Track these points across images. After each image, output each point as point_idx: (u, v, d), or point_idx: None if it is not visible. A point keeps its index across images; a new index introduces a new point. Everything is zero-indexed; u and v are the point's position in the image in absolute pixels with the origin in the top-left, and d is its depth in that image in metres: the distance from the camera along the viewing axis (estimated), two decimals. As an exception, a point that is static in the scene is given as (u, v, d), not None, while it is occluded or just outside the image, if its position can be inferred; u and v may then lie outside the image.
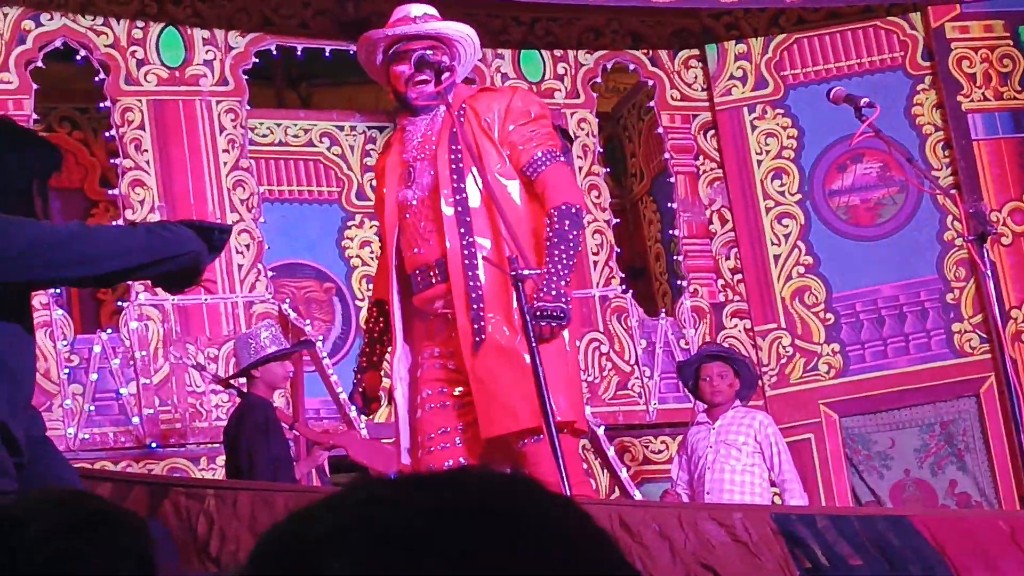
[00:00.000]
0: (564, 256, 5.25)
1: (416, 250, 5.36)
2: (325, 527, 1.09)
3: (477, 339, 5.23)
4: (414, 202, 5.37)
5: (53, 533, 1.87)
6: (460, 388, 5.42)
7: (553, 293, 5.19)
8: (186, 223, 3.82)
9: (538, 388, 4.92)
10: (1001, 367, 7.46)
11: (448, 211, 5.31)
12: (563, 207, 5.32)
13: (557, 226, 5.29)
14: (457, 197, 5.29)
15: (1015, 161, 9.09)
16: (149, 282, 3.96)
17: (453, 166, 5.32)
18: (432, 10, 5.55)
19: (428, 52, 5.46)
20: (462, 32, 5.56)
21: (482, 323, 5.23)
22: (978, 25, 9.27)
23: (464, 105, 5.51)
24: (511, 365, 5.17)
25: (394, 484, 1.13)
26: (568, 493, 5.06)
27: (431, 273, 5.34)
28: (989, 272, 6.37)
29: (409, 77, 5.36)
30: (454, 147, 5.34)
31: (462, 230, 5.28)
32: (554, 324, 5.17)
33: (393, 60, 5.45)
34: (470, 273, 5.27)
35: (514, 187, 5.44)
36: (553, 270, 5.24)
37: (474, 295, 5.26)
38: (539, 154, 5.38)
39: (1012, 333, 8.81)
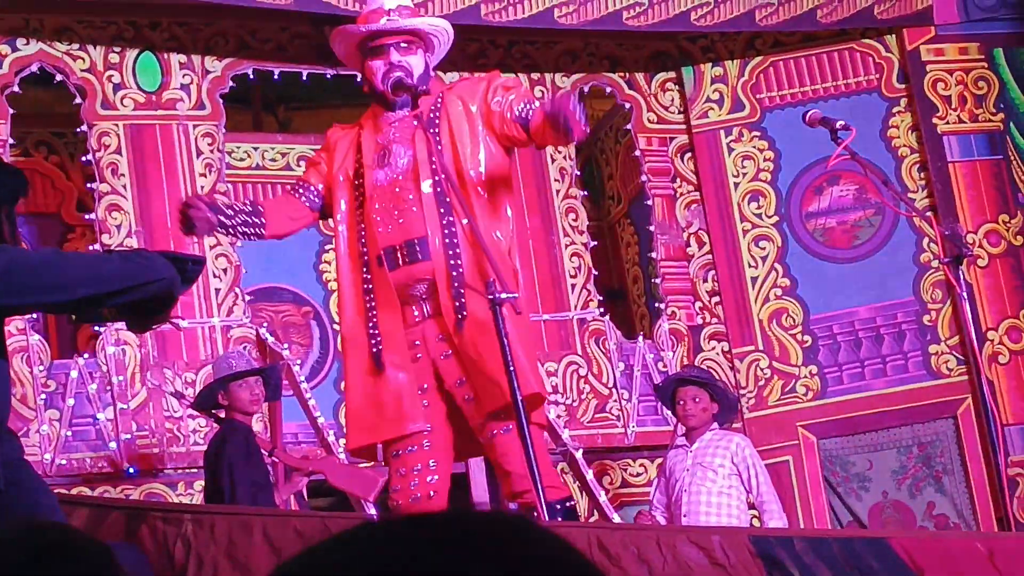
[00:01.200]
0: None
1: (388, 228, 5.35)
2: (333, 566, 1.10)
3: (459, 316, 5.25)
4: (387, 183, 5.38)
5: (11, 567, 1.86)
6: (426, 384, 5.41)
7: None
8: (160, 253, 3.82)
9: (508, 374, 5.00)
10: (978, 388, 7.49)
11: (427, 190, 5.33)
12: None
13: None
14: (435, 178, 5.31)
15: (990, 183, 9.12)
16: (118, 320, 3.93)
17: (431, 147, 5.31)
18: (405, 1, 5.56)
19: (404, 77, 5.47)
20: (437, 26, 5.59)
21: (463, 300, 5.25)
22: (953, 48, 9.31)
23: (441, 94, 5.54)
24: (494, 338, 5.17)
25: (399, 523, 1.13)
26: (539, 482, 5.08)
27: (415, 250, 5.32)
28: (965, 294, 6.39)
29: (385, 73, 5.37)
30: (433, 131, 5.36)
31: (441, 209, 5.30)
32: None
33: (369, 55, 5.45)
34: (451, 252, 5.29)
35: (490, 211, 5.48)
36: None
37: (455, 273, 5.28)
38: (526, 102, 5.42)
39: (989, 354, 8.83)
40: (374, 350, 5.33)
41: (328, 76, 9.05)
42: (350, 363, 5.46)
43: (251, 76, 9.02)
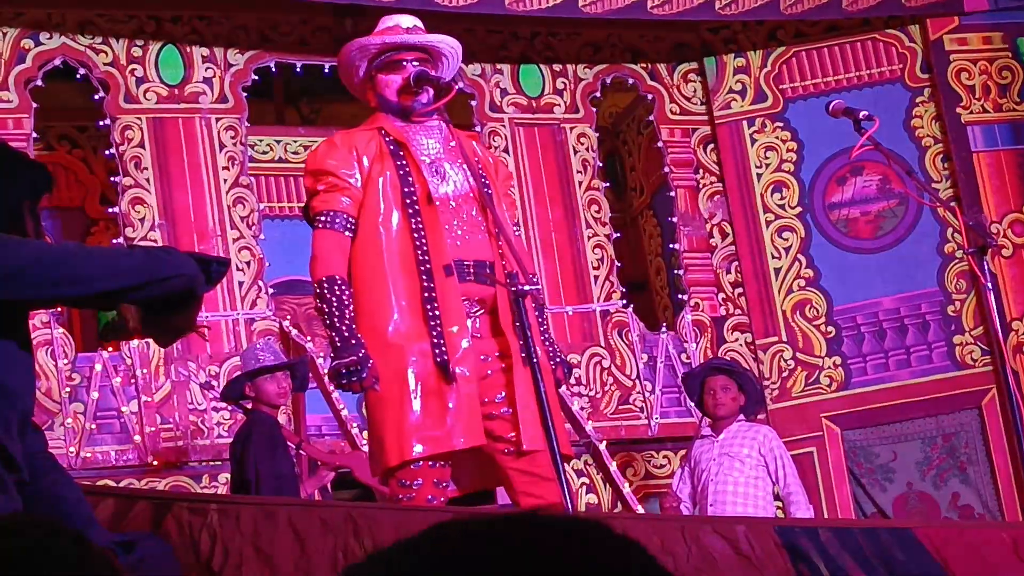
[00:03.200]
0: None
1: (458, 243, 5.26)
2: (408, 566, 1.09)
3: (523, 355, 5.11)
4: (447, 198, 5.29)
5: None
6: (486, 398, 5.32)
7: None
8: (187, 253, 3.81)
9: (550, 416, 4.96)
10: (1003, 379, 7.44)
11: (489, 217, 5.30)
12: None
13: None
14: (492, 208, 5.28)
15: (1015, 173, 9.09)
16: (145, 335, 3.89)
17: (480, 177, 5.32)
18: (419, 22, 5.56)
19: (428, 70, 5.46)
20: (451, 46, 5.56)
21: (531, 342, 5.07)
22: (977, 37, 9.28)
23: (468, 139, 5.58)
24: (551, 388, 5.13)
25: (468, 524, 1.12)
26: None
27: (485, 272, 5.28)
28: (990, 284, 6.37)
29: (402, 87, 5.35)
30: (476, 159, 5.37)
31: (499, 240, 5.27)
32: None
33: (382, 68, 5.43)
34: (513, 289, 5.17)
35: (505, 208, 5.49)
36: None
37: (522, 313, 5.13)
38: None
39: (1013, 345, 8.80)
40: (439, 359, 5.13)
41: (350, 69, 9.04)
42: (415, 371, 5.16)
43: (273, 69, 9.03)
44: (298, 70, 9.10)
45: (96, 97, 8.50)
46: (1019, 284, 8.96)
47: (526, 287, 5.29)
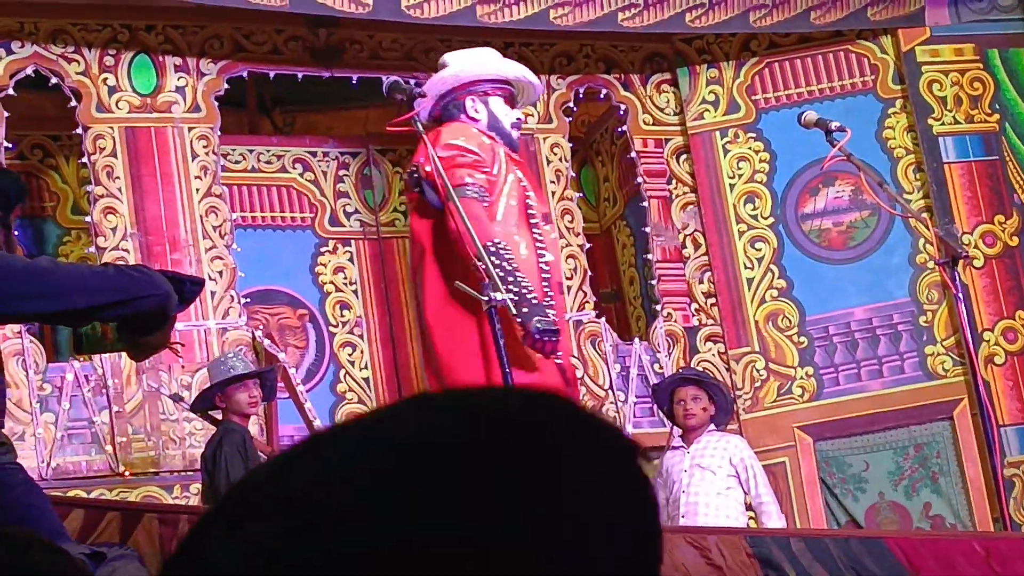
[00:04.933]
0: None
1: (550, 258, 5.60)
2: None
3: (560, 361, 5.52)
4: (543, 218, 5.70)
5: None
6: None
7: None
8: (160, 272, 3.80)
9: None
10: (974, 389, 7.47)
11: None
12: None
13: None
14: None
15: (986, 184, 9.13)
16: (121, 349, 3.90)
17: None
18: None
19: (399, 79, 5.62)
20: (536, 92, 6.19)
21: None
22: (948, 49, 9.31)
23: None
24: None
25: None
26: None
27: (559, 289, 5.50)
28: (961, 295, 6.41)
29: (515, 122, 5.88)
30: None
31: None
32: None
33: (505, 98, 5.89)
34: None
35: None
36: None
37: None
38: None
39: (985, 355, 8.83)
40: (558, 361, 5.56)
41: (324, 78, 9.05)
42: (532, 363, 5.51)
43: (246, 78, 9.01)
44: (271, 79, 9.09)
45: (68, 106, 8.47)
46: (990, 294, 9.00)
47: (498, 297, 5.35)
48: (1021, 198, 9.13)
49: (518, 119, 5.85)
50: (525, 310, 5.24)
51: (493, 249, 5.34)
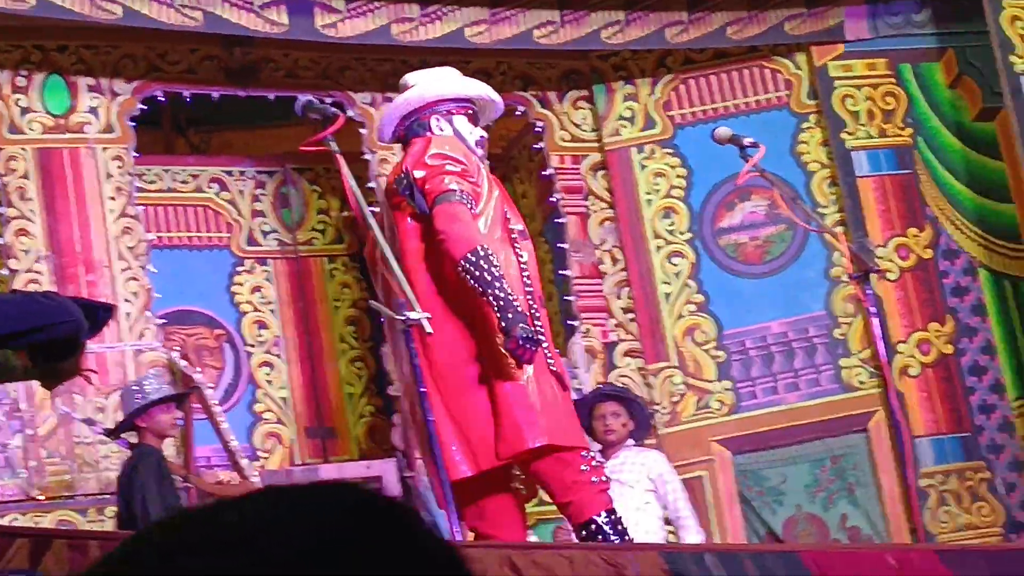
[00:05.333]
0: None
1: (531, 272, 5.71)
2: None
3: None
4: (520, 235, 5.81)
5: None
6: None
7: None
8: (70, 299, 3.78)
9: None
10: (888, 401, 7.55)
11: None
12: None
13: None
14: None
15: (899, 197, 9.21)
16: (32, 377, 3.87)
17: None
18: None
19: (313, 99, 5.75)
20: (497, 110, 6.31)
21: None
22: (861, 64, 9.40)
23: None
24: None
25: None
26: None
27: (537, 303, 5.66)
28: (874, 308, 6.47)
29: (480, 140, 5.94)
30: None
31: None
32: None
33: (468, 116, 5.97)
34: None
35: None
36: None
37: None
38: None
39: (899, 367, 8.91)
40: (553, 370, 5.62)
41: (240, 97, 9.02)
42: (537, 371, 5.57)
43: (161, 98, 8.96)
44: (187, 99, 9.04)
45: (-20, 127, 8.40)
46: (905, 307, 9.08)
47: (413, 316, 5.36)
48: (934, 211, 9.23)
49: (481, 137, 5.90)
50: (510, 315, 5.29)
51: (481, 254, 5.38)
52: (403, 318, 5.42)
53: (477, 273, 5.37)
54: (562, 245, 9.44)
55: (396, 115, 5.95)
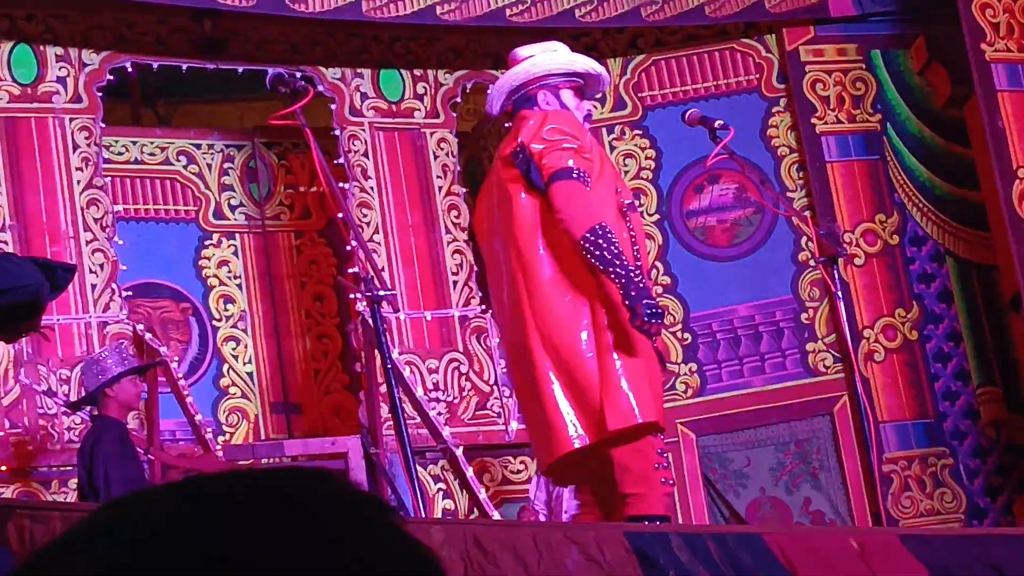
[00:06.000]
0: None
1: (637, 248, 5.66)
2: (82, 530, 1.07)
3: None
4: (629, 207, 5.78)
5: None
6: None
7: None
8: (29, 259, 3.76)
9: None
10: (853, 386, 7.57)
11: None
12: None
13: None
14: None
15: (867, 183, 9.23)
16: None
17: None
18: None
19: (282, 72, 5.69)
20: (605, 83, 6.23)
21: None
22: (832, 49, 9.41)
23: None
24: None
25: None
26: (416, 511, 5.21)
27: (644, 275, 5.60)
28: (840, 293, 6.48)
29: (587, 115, 5.99)
30: None
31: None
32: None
33: (575, 91, 5.89)
34: None
35: None
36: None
37: None
38: None
39: (865, 352, 8.94)
40: (655, 346, 5.55)
41: (209, 70, 8.97)
42: (638, 350, 5.47)
43: (129, 69, 8.90)
44: (155, 71, 8.99)
45: (-54, 95, 8.34)
46: (871, 292, 9.11)
47: (381, 292, 5.36)
48: (901, 197, 9.25)
49: (589, 111, 5.89)
50: (633, 293, 5.26)
51: (600, 232, 5.36)
52: (369, 293, 5.41)
53: (597, 252, 5.35)
54: (530, 224, 9.42)
55: (504, 89, 5.92)
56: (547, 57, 5.93)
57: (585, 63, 5.94)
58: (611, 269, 5.32)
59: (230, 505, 1.05)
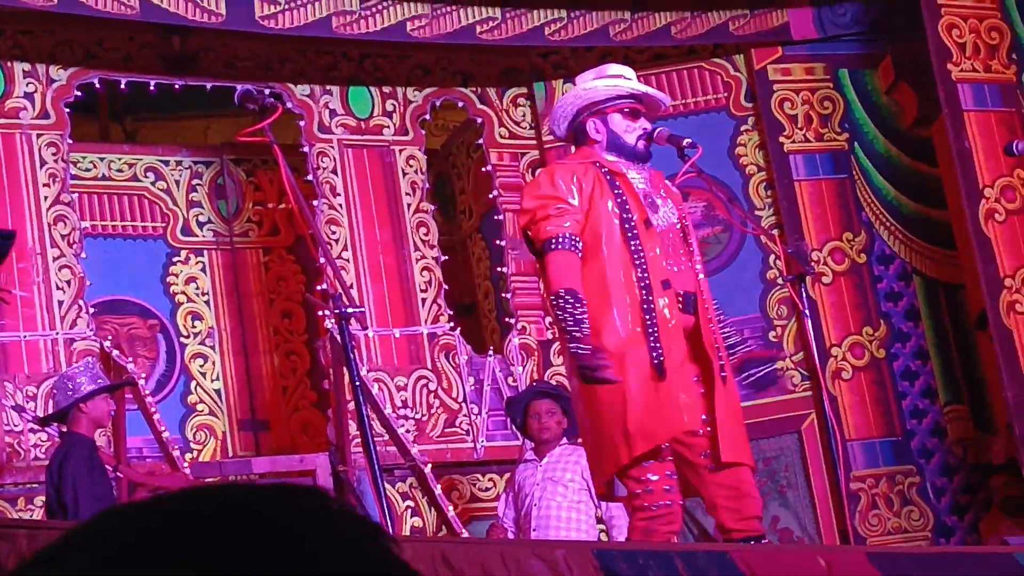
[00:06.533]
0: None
1: (675, 268, 5.64)
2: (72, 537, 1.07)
3: (722, 374, 5.57)
4: (660, 230, 5.67)
5: None
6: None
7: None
8: None
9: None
10: (821, 404, 7.58)
11: (694, 250, 5.74)
12: None
13: None
14: (694, 242, 5.78)
15: (835, 201, 9.26)
16: None
17: (685, 212, 5.84)
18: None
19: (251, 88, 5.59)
20: (664, 101, 6.14)
21: (723, 363, 5.60)
22: (800, 68, 9.45)
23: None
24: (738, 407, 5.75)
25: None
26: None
27: (690, 301, 5.61)
28: (808, 311, 6.49)
29: (641, 135, 5.83)
30: (676, 203, 5.87)
31: (699, 276, 5.69)
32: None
33: (619, 112, 5.83)
34: (709, 313, 5.66)
35: None
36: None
37: (715, 334, 5.65)
38: None
39: (832, 370, 8.96)
40: (655, 361, 5.50)
41: (176, 87, 8.96)
42: (629, 378, 5.51)
43: (97, 86, 8.89)
44: (123, 87, 8.97)
45: (-87, 111, 8.31)
46: (838, 311, 9.13)
47: (349, 309, 5.36)
48: (869, 216, 9.28)
49: (644, 129, 5.88)
50: (579, 359, 5.38)
51: (564, 295, 5.46)
52: (338, 311, 5.41)
53: (558, 313, 5.51)
54: (500, 242, 9.43)
55: (559, 116, 6.02)
56: (593, 84, 5.99)
57: (630, 86, 5.94)
58: (564, 333, 5.47)
59: (199, 519, 1.05)
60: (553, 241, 5.68)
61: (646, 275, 5.61)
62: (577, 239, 5.65)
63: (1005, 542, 7.69)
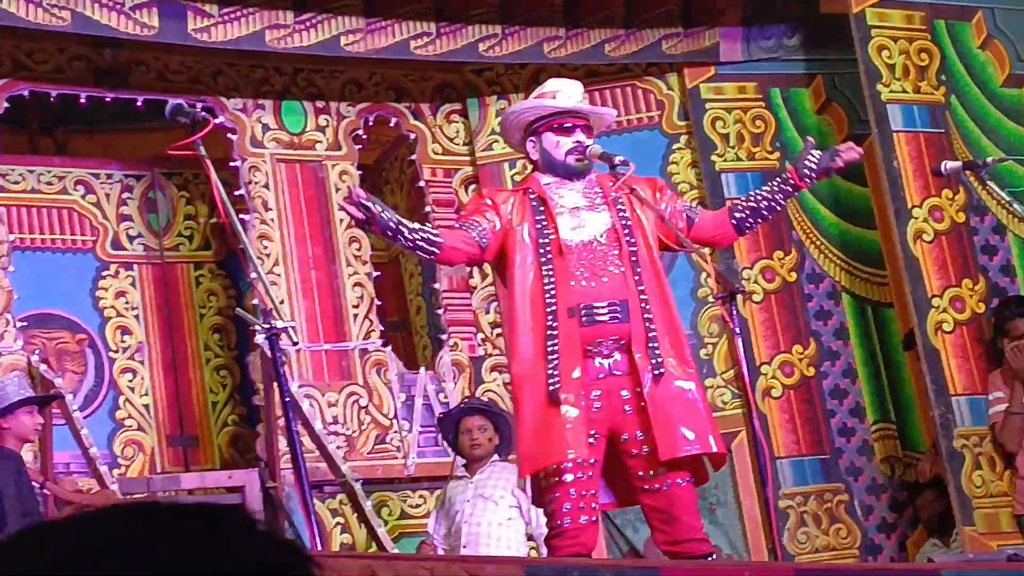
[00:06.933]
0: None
1: (602, 280, 5.64)
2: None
3: (656, 372, 5.58)
4: (583, 244, 5.67)
5: None
6: (596, 432, 5.59)
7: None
8: None
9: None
10: (751, 422, 7.60)
11: (627, 257, 5.70)
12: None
13: None
14: (633, 247, 5.72)
15: (766, 220, 9.30)
16: None
17: (623, 218, 5.76)
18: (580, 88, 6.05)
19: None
20: (608, 114, 6.33)
21: (659, 359, 5.59)
22: (732, 87, 9.50)
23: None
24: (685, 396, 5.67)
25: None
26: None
27: (617, 310, 5.60)
28: (738, 329, 6.52)
29: (572, 149, 5.83)
30: (620, 206, 5.79)
31: (635, 276, 5.66)
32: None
33: (553, 130, 5.86)
34: (647, 316, 5.64)
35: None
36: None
37: (651, 335, 5.63)
38: (691, 206, 6.16)
39: (762, 388, 9.00)
40: (551, 388, 5.52)
41: (107, 99, 8.90)
42: (525, 402, 5.61)
43: (27, 97, 8.81)
44: (53, 99, 8.89)
45: None
46: (768, 329, 9.17)
47: (280, 324, 5.35)
48: (799, 235, 9.34)
49: (577, 143, 5.86)
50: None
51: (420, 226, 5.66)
52: (268, 326, 5.40)
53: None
54: (432, 258, 9.41)
55: (513, 143, 6.15)
56: (526, 103, 6.04)
57: (557, 103, 5.91)
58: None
59: (120, 540, 1.04)
60: (457, 223, 5.83)
61: (553, 302, 5.63)
62: (483, 232, 5.69)
63: (931, 560, 7.74)
